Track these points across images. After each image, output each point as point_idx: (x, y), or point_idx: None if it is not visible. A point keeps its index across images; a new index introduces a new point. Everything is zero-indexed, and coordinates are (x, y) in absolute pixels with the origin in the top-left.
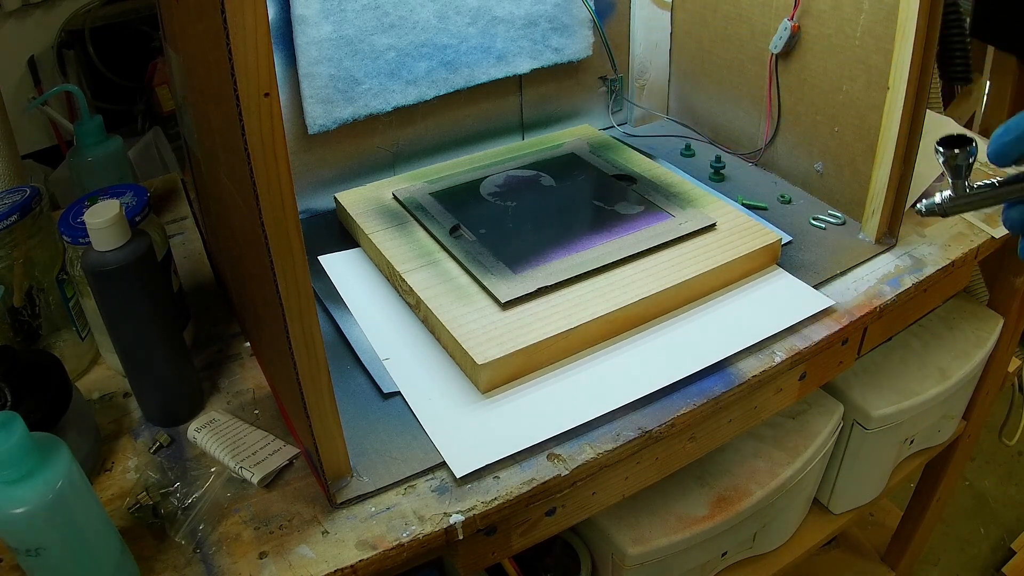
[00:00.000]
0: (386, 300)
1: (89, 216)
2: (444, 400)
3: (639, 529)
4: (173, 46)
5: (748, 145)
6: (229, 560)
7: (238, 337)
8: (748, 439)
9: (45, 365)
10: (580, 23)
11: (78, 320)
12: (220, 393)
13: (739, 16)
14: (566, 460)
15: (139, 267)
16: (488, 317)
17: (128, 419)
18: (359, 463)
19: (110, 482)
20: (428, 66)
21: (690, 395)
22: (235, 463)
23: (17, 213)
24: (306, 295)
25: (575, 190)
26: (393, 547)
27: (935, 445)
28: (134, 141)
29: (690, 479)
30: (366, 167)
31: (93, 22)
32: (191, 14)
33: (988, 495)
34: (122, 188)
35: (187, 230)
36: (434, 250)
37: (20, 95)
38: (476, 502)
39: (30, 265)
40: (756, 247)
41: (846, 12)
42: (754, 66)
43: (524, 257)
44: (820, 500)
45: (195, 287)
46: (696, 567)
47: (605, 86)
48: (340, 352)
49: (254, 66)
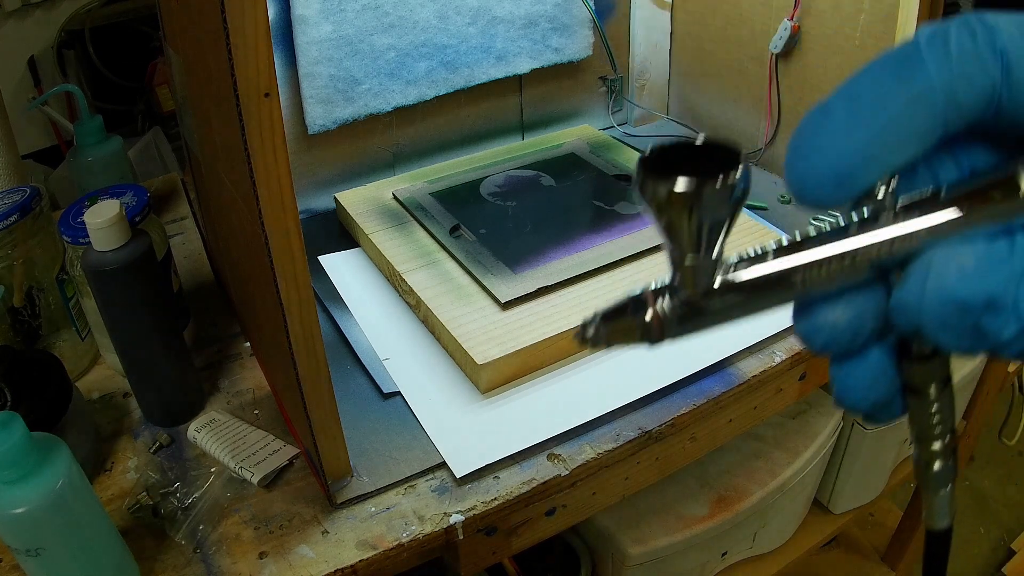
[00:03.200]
0: (386, 300)
1: (89, 216)
2: (444, 400)
3: (639, 529)
4: (173, 46)
5: (748, 145)
6: (229, 560)
7: (238, 337)
8: (748, 439)
9: (45, 365)
10: (580, 23)
11: (78, 320)
12: (220, 393)
13: (739, 16)
14: (566, 460)
15: (139, 267)
16: (488, 317)
17: (128, 419)
18: (359, 463)
19: (110, 482)
20: (428, 66)
21: (690, 395)
22: (235, 463)
23: (17, 213)
24: (306, 295)
25: (575, 190)
26: (393, 547)
27: None
28: (134, 141)
29: (690, 479)
30: (366, 167)
31: (93, 22)
32: (191, 14)
33: (988, 495)
34: (122, 188)
35: (187, 230)
36: (434, 250)
37: (20, 95)
38: (476, 502)
39: (30, 265)
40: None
41: (846, 12)
42: (754, 66)
43: (524, 257)
44: (820, 500)
45: (195, 287)
46: (696, 567)
47: (605, 86)
48: (340, 352)
49: (254, 66)
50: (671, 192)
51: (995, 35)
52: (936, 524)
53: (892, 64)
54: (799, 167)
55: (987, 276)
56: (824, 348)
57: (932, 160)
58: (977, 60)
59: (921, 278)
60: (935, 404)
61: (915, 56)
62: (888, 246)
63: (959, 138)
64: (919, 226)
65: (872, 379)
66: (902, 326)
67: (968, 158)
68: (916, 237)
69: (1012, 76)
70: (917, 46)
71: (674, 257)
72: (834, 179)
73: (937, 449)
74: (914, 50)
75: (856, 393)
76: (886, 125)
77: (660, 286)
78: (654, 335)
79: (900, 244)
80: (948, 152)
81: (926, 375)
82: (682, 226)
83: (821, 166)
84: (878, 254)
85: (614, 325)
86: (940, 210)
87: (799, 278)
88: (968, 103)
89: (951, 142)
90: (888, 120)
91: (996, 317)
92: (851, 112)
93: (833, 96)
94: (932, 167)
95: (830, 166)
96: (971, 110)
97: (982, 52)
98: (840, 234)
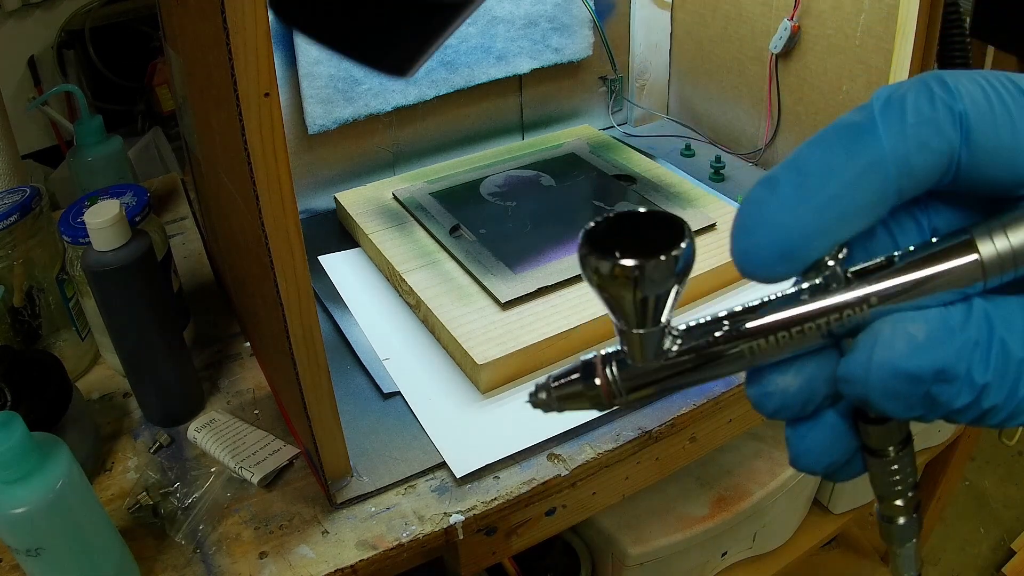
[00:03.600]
0: (386, 300)
1: (89, 216)
2: (444, 400)
3: (639, 529)
4: (173, 46)
5: (748, 145)
6: (229, 560)
7: (238, 337)
8: (748, 439)
9: (45, 365)
10: (580, 23)
11: (78, 320)
12: (220, 393)
13: (739, 16)
14: (566, 460)
15: (139, 267)
16: (488, 317)
17: (128, 419)
18: (359, 463)
19: (110, 482)
20: (428, 66)
21: (690, 395)
22: (235, 463)
23: (17, 213)
24: (306, 295)
25: (575, 190)
26: (393, 547)
27: (935, 445)
28: (134, 141)
29: (690, 479)
30: (366, 167)
31: (93, 22)
32: (191, 14)
33: (988, 495)
34: (122, 188)
35: (187, 230)
36: (434, 250)
37: (20, 95)
38: (476, 502)
39: (30, 265)
40: None
41: (846, 12)
42: (754, 66)
43: (524, 257)
44: (820, 500)
45: (195, 287)
46: (696, 567)
47: (605, 86)
48: (340, 352)
49: (254, 66)
50: (613, 268)
51: (955, 98)
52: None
53: (843, 134)
54: (744, 242)
55: (939, 347)
56: (775, 414)
57: (891, 222)
58: (934, 126)
59: (868, 349)
60: (895, 464)
61: (868, 125)
62: (838, 314)
63: (920, 199)
64: (869, 292)
65: (827, 442)
66: (849, 396)
67: (930, 219)
68: (866, 304)
69: (972, 139)
70: (871, 113)
71: (620, 328)
72: (779, 255)
73: (900, 505)
74: (867, 118)
75: (811, 456)
76: (833, 198)
77: (609, 353)
78: (603, 402)
79: (850, 312)
80: (908, 213)
81: (883, 437)
82: (626, 301)
83: (765, 241)
84: (828, 323)
85: (564, 390)
86: (892, 277)
87: (747, 347)
88: (924, 169)
89: (912, 203)
90: (836, 193)
91: (949, 387)
92: (797, 185)
93: (780, 167)
94: (891, 230)
95: (775, 241)
96: (928, 176)
97: (940, 117)
98: (790, 302)
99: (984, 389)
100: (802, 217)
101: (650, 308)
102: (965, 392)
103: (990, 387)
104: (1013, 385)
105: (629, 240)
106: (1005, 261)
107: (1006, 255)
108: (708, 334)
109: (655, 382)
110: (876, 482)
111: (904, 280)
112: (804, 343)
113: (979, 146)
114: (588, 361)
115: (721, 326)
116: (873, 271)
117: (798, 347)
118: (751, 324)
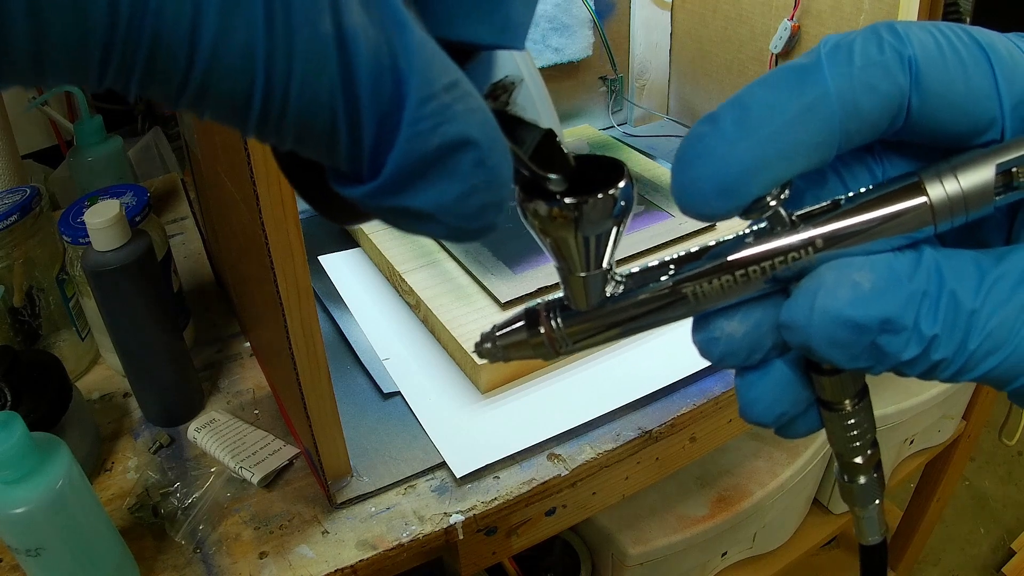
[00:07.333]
0: (386, 300)
1: (89, 216)
2: (444, 400)
3: (639, 529)
4: None
5: None
6: (229, 560)
7: (238, 337)
8: (748, 439)
9: (45, 365)
10: (580, 23)
11: (78, 320)
12: (220, 393)
13: (739, 16)
14: (566, 460)
15: (139, 267)
16: (488, 317)
17: (128, 419)
18: (359, 463)
19: (110, 482)
20: None
21: (690, 395)
22: (235, 463)
23: (17, 213)
24: (306, 295)
25: None
26: (393, 547)
27: (935, 445)
28: (134, 141)
29: (690, 479)
30: None
31: None
32: None
33: (988, 495)
34: (122, 188)
35: (187, 230)
36: (434, 250)
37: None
38: (476, 502)
39: (30, 265)
40: None
41: (846, 12)
42: (754, 66)
43: (524, 257)
44: (820, 500)
45: (195, 287)
46: (696, 567)
47: (605, 86)
48: (340, 352)
49: None
50: (551, 210)
51: (904, 43)
52: (867, 540)
53: (789, 74)
54: (683, 175)
55: (885, 296)
56: (721, 360)
57: (844, 169)
58: (882, 68)
59: (811, 295)
60: (851, 419)
61: (813, 66)
62: (783, 257)
63: (874, 148)
64: (813, 234)
65: (776, 392)
66: (792, 343)
67: (884, 168)
68: (812, 248)
69: (922, 84)
70: (818, 56)
71: (563, 273)
72: (718, 189)
73: (859, 463)
74: (813, 60)
75: (759, 406)
76: (775, 134)
77: (552, 300)
78: (548, 351)
79: (795, 255)
80: (861, 162)
81: (837, 389)
82: (566, 243)
83: (704, 175)
84: (772, 266)
85: (509, 339)
86: (838, 220)
87: (691, 291)
88: (872, 111)
89: (865, 152)
90: (777, 129)
91: (895, 338)
92: (738, 120)
93: (723, 104)
94: (843, 177)
95: (713, 175)
96: (877, 119)
97: (888, 61)
98: (734, 247)
99: (933, 341)
100: (742, 151)
101: (592, 250)
102: (913, 344)
103: (939, 339)
104: (963, 338)
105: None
106: (955, 204)
107: (956, 198)
108: (652, 279)
109: (599, 329)
110: (833, 438)
111: (849, 223)
112: (749, 288)
113: (930, 91)
114: (531, 309)
115: (666, 271)
116: (819, 214)
117: (743, 292)
118: (694, 268)
